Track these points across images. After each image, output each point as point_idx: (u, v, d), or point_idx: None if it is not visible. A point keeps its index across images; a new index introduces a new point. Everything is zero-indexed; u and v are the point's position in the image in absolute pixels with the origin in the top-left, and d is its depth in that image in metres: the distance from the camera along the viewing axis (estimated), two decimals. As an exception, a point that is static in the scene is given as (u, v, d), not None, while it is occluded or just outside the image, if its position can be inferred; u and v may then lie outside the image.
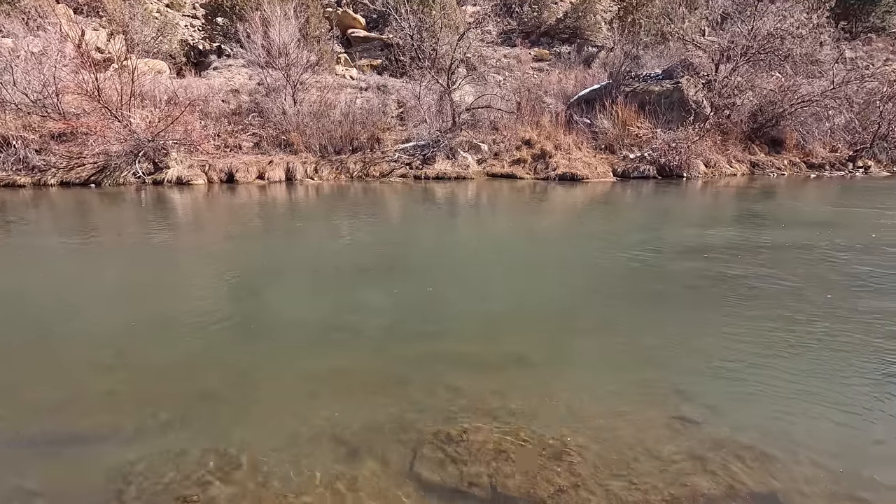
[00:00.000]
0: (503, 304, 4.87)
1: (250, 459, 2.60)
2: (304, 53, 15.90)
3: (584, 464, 2.55)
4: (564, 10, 23.29)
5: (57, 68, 12.89)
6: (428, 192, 12.20)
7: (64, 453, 2.72)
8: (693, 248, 6.74)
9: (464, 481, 2.44)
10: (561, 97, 16.92)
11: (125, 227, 8.76)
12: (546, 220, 9.69)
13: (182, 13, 22.93)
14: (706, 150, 14.25)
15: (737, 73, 14.56)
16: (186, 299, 5.01)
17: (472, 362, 3.69)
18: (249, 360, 3.72)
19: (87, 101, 12.64)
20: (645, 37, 16.26)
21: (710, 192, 12.52)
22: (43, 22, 15.38)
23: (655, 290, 5.21)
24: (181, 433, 2.86)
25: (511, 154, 14.70)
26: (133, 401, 3.21)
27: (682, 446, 2.73)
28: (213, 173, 12.92)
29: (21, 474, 2.56)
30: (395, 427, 2.89)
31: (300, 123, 14.41)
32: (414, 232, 8.37)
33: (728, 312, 4.55)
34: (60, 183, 12.11)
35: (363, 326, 4.30)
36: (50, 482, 2.50)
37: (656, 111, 14.70)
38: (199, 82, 16.34)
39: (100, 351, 3.88)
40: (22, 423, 2.99)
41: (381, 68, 19.98)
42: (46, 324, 4.38)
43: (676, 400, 3.18)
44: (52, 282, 5.51)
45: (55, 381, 3.45)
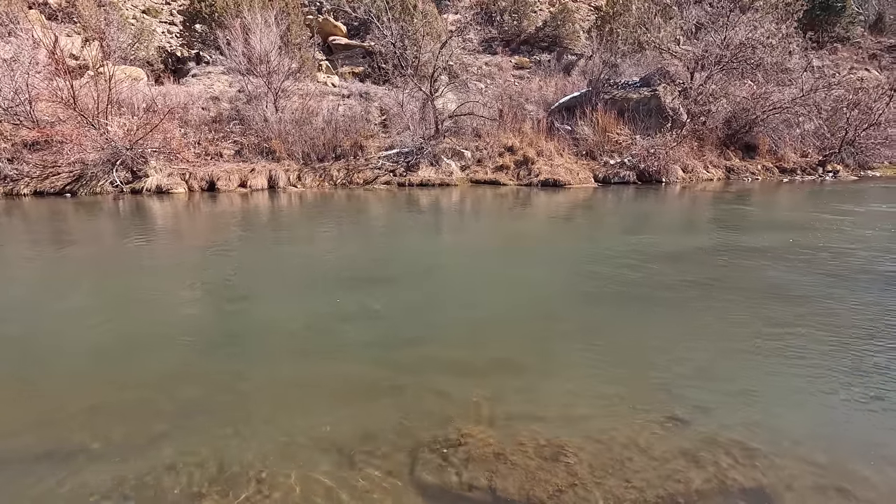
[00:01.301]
0: (491, 310, 4.92)
1: (246, 470, 2.57)
2: (285, 61, 15.84)
3: (581, 464, 2.59)
4: (544, 18, 23.69)
5: (30, 75, 12.59)
6: (412, 200, 12.22)
7: (51, 470, 2.64)
8: (674, 252, 6.90)
9: (464, 485, 2.46)
10: (542, 104, 17.19)
11: (103, 238, 8.56)
12: (530, 225, 9.80)
13: (159, 20, 22.61)
14: (683, 155, 14.62)
15: (711, 81, 15.01)
16: (170, 310, 4.93)
17: (464, 368, 3.71)
18: (237, 370, 3.67)
19: (62, 109, 12.37)
20: (622, 45, 16.65)
21: (688, 197, 12.84)
22: (14, 28, 14.99)
23: (639, 293, 5.32)
24: (173, 446, 2.81)
25: (494, 161, 14.85)
26: (121, 415, 3.14)
27: (673, 444, 2.79)
28: (193, 182, 12.74)
29: (6, 493, 2.48)
30: (392, 434, 2.89)
31: (282, 131, 14.33)
32: (399, 240, 8.38)
33: (711, 313, 4.68)
34: (34, 192, 11.79)
35: (352, 335, 4.28)
36: (37, 501, 2.43)
37: (635, 118, 15.04)
38: (178, 89, 16.12)
39: (83, 365, 3.78)
40: (4, 441, 2.89)
41: (363, 76, 20.00)
42: (24, 339, 4.25)
43: (667, 400, 3.25)
44: (28, 295, 5.35)
45: (37, 397, 3.35)
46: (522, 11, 22.89)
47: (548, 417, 3.02)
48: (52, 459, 2.74)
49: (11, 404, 3.25)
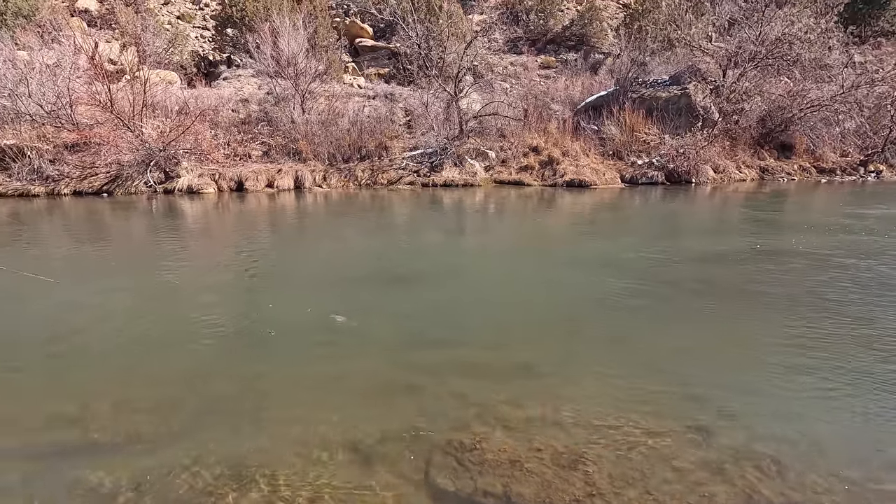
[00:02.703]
0: (512, 312, 4.87)
1: (264, 468, 2.60)
2: (312, 63, 16.07)
3: (600, 473, 2.53)
4: (570, 17, 23.38)
5: (71, 80, 13.13)
6: (436, 200, 12.23)
7: (80, 462, 2.73)
8: (702, 255, 6.69)
9: (478, 490, 2.43)
10: (568, 104, 16.95)
11: (138, 237, 8.86)
12: (554, 227, 9.68)
13: (192, 24, 23.28)
14: (715, 155, 14.19)
15: (745, 79, 14.52)
16: (197, 308, 5.05)
17: (483, 371, 3.68)
18: (258, 368, 3.73)
19: (100, 112, 12.85)
20: (652, 43, 16.26)
21: (718, 198, 12.45)
22: (57, 35, 15.68)
23: (665, 297, 5.18)
24: (195, 442, 2.87)
25: (518, 161, 14.71)
26: (146, 410, 3.22)
27: (697, 456, 2.70)
28: (223, 182, 13.05)
29: (38, 483, 2.58)
30: (408, 435, 2.88)
31: (308, 132, 14.53)
32: (422, 240, 8.39)
33: (739, 320, 4.52)
34: (73, 192, 12.28)
35: (371, 334, 4.30)
36: (67, 491, 2.52)
37: (664, 117, 14.67)
38: (210, 92, 16.55)
39: (111, 360, 3.91)
40: (38, 432, 3.01)
41: (388, 77, 20.14)
42: (60, 333, 4.42)
43: (690, 409, 3.15)
44: (64, 291, 5.57)
45: (69, 391, 3.47)
46: (549, 10, 22.64)
47: (566, 424, 2.97)
48: (83, 451, 2.84)
49: (45, 397, 3.38)
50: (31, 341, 4.24)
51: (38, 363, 3.87)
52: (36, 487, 2.54)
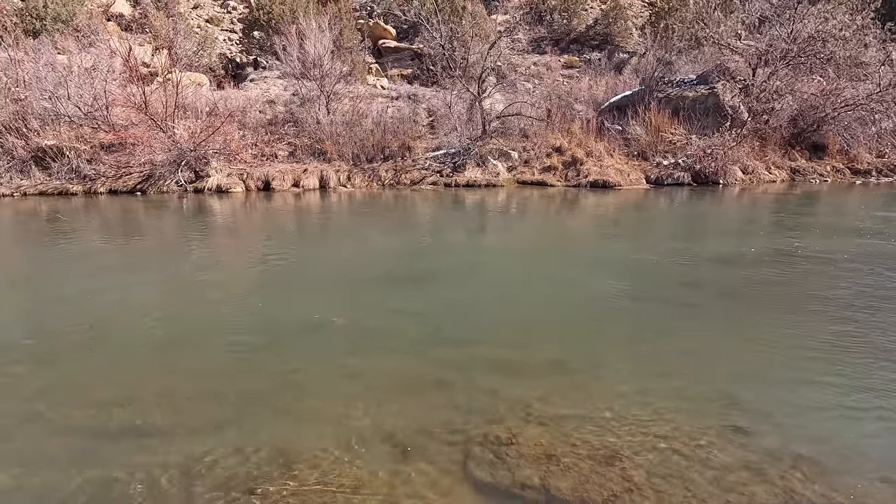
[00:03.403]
0: (539, 311, 4.88)
1: (307, 457, 2.69)
2: (337, 64, 16.30)
3: (637, 470, 2.54)
4: (594, 16, 23.18)
5: (107, 82, 13.59)
6: (459, 200, 12.28)
7: (131, 447, 2.86)
8: (733, 256, 6.59)
9: (516, 483, 2.47)
10: (591, 104, 16.81)
11: (172, 234, 9.14)
12: (579, 227, 9.63)
13: (221, 28, 23.82)
14: (743, 156, 13.90)
15: (776, 78, 14.18)
16: (232, 303, 5.20)
17: (512, 368, 3.71)
18: (293, 361, 3.83)
19: (135, 113, 13.26)
20: (678, 42, 16.01)
21: (747, 199, 12.20)
22: (94, 39, 16.25)
23: (695, 297, 5.13)
24: (237, 431, 2.97)
25: (541, 161, 14.66)
26: (189, 399, 3.35)
27: (735, 455, 2.68)
28: (250, 181, 13.34)
29: (94, 464, 2.71)
30: (443, 429, 2.93)
31: (333, 132, 14.74)
32: (446, 239, 8.44)
33: (774, 321, 4.44)
34: (109, 191, 12.71)
35: (400, 331, 4.37)
36: (121, 472, 2.64)
37: (691, 117, 14.44)
38: (237, 94, 16.92)
39: (154, 351, 4.06)
40: (90, 416, 3.16)
41: (411, 77, 20.28)
42: (105, 325, 4.61)
43: (726, 408, 3.13)
44: (106, 286, 5.79)
45: (115, 379, 3.62)
46: (572, 10, 22.48)
47: (600, 420, 2.98)
48: (131, 436, 2.96)
49: (96, 384, 3.54)
50: (74, 331, 4.43)
51: (83, 353, 4.04)
52: (90, 468, 2.67)
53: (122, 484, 2.55)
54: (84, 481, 2.57)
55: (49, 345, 4.20)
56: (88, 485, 2.54)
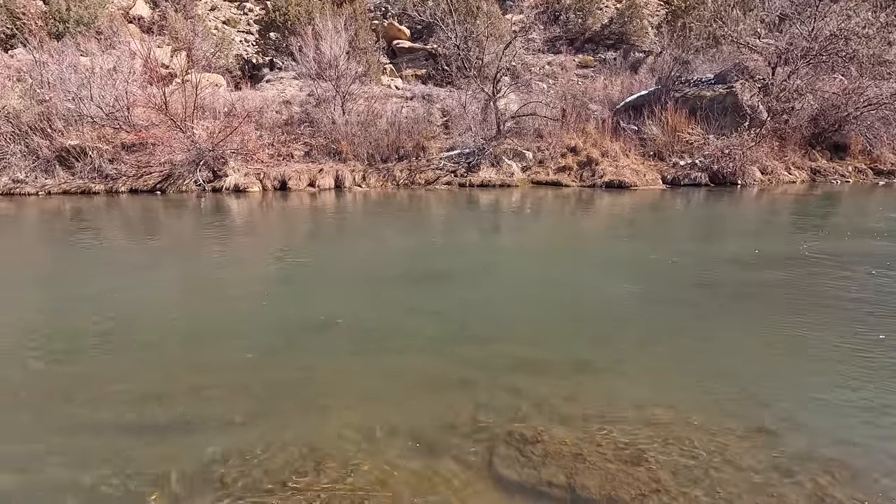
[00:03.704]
0: (558, 310, 4.88)
1: (334, 452, 2.73)
2: (352, 65, 16.42)
3: (664, 470, 2.53)
4: (610, 15, 23.03)
5: (128, 83, 13.86)
6: (473, 200, 12.29)
7: (162, 440, 2.93)
8: (753, 257, 6.51)
9: (543, 481, 2.48)
10: (607, 104, 16.71)
11: (191, 232, 9.28)
12: (595, 227, 9.58)
13: (237, 29, 24.11)
14: (762, 156, 13.71)
15: (796, 76, 13.96)
16: (254, 300, 5.27)
17: (534, 366, 3.72)
18: (318, 358, 3.88)
19: (155, 114, 13.50)
20: (696, 41, 15.84)
21: (766, 200, 12.04)
22: (115, 40, 16.57)
23: (716, 298, 5.08)
24: (265, 426, 3.02)
25: (556, 161, 14.62)
26: (217, 395, 3.41)
27: (764, 457, 2.66)
28: (267, 181, 13.50)
29: (126, 459, 2.77)
30: (467, 427, 2.95)
31: (349, 133, 14.86)
32: (462, 238, 8.46)
33: (797, 322, 4.39)
34: (130, 190, 12.95)
35: (421, 329, 4.40)
36: (153, 465, 2.70)
37: (708, 117, 14.28)
38: (254, 94, 17.12)
39: (179, 347, 4.14)
40: (121, 410, 3.23)
41: (425, 78, 20.34)
42: (130, 322, 4.71)
43: (753, 409, 3.10)
44: (130, 283, 5.91)
45: (145, 375, 3.70)
46: (587, 9, 22.36)
47: (625, 420, 2.98)
48: (162, 429, 3.03)
49: (125, 379, 3.62)
50: (100, 328, 4.53)
51: (110, 349, 4.13)
52: (122, 462, 2.73)
53: (154, 478, 2.61)
54: (116, 475, 2.63)
55: (75, 341, 4.31)
56: (120, 479, 2.61)
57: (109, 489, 2.53)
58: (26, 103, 13.83)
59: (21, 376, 3.67)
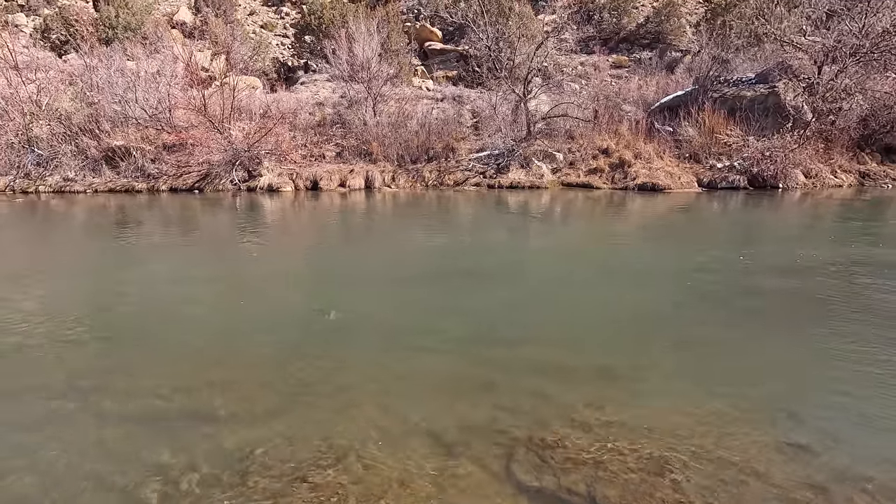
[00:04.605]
0: (585, 315, 4.80)
1: (355, 449, 2.76)
2: (384, 67, 16.60)
3: (689, 482, 2.46)
4: (645, 14, 22.50)
5: (170, 86, 14.42)
6: (502, 201, 12.24)
7: (189, 432, 3.03)
8: (793, 264, 6.23)
9: (562, 488, 2.44)
10: (641, 104, 16.33)
11: (227, 230, 9.59)
12: (627, 231, 9.38)
13: (274, 33, 24.74)
14: (806, 158, 13.11)
15: (844, 75, 13.29)
16: (283, 297, 5.40)
17: (558, 371, 3.67)
18: (341, 357, 3.94)
19: (195, 116, 13.99)
20: (736, 39, 15.30)
21: (809, 205, 11.51)
22: (159, 45, 17.28)
23: (751, 307, 4.89)
24: (288, 421, 3.09)
25: (587, 163, 14.38)
26: (242, 389, 3.51)
27: (797, 473, 2.55)
28: (299, 181, 13.79)
29: (155, 447, 2.88)
30: (487, 429, 2.95)
31: (379, 134, 15.02)
32: (490, 240, 8.43)
33: (838, 334, 4.18)
34: (170, 189, 13.47)
35: (446, 330, 4.41)
36: (182, 455, 2.79)
37: (748, 118, 13.75)
38: (289, 96, 17.53)
39: (210, 342, 4.28)
40: (151, 403, 3.35)
41: (456, 79, 20.36)
42: (165, 316, 4.90)
43: (786, 423, 2.98)
44: (166, 278, 6.15)
45: (177, 367, 3.84)
46: (622, 8, 21.90)
47: (649, 429, 2.90)
48: (192, 420, 3.14)
49: (158, 371, 3.77)
50: (136, 320, 4.73)
51: (145, 341, 4.31)
52: (151, 451, 2.84)
53: (182, 467, 2.70)
54: (145, 463, 2.73)
55: (112, 333, 4.51)
56: (149, 467, 2.71)
57: (130, 478, 2.62)
58: (77, 105, 14.59)
59: (59, 366, 3.85)
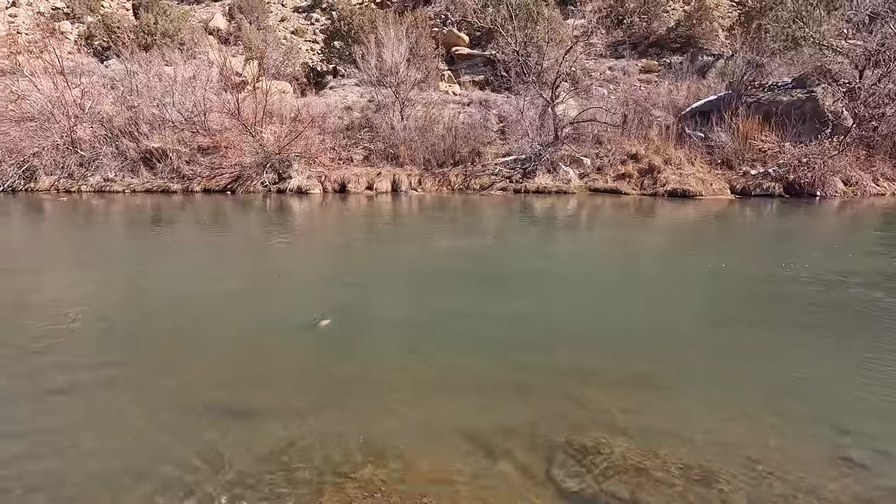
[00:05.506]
0: (620, 321, 4.72)
1: (393, 447, 2.78)
2: (412, 72, 16.76)
3: (737, 494, 2.39)
4: (676, 18, 22.15)
5: (206, 90, 14.85)
6: (529, 206, 12.18)
7: (232, 424, 3.09)
8: (837, 275, 6.01)
9: (604, 493, 2.41)
10: (671, 109, 16.06)
11: (259, 230, 9.80)
12: (658, 236, 9.21)
13: (304, 38, 25.26)
14: (846, 166, 12.67)
15: (889, 80, 12.81)
16: (315, 296, 5.48)
17: (596, 377, 3.62)
18: (376, 355, 3.97)
19: (228, 119, 14.38)
20: (772, 43, 14.92)
21: (850, 214, 11.11)
22: (196, 51, 17.83)
23: (797, 318, 4.73)
24: (325, 417, 3.12)
25: (615, 168, 14.20)
26: (282, 384, 3.56)
27: (850, 490, 2.45)
28: (327, 184, 14.01)
29: (196, 442, 2.94)
30: (525, 432, 2.92)
31: (406, 138, 15.15)
32: (518, 244, 8.39)
33: (888, 348, 4.01)
34: (203, 190, 13.85)
35: (477, 333, 4.39)
36: (224, 448, 2.85)
37: (784, 123, 13.38)
38: (318, 101, 17.85)
39: (248, 338, 4.36)
40: (191, 396, 3.42)
41: (482, 84, 20.40)
42: (205, 312, 5.03)
43: (838, 438, 2.87)
44: (203, 275, 6.31)
45: (215, 363, 3.92)
46: (653, 12, 21.61)
47: (692, 438, 2.83)
48: (231, 414, 3.20)
49: (196, 367, 3.87)
50: (178, 316, 4.87)
51: (186, 337, 4.43)
52: (191, 445, 2.91)
53: (224, 459, 2.74)
54: (186, 456, 2.78)
55: (156, 328, 4.65)
56: (191, 459, 2.76)
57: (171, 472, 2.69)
58: (118, 109, 15.16)
59: (104, 361, 3.98)
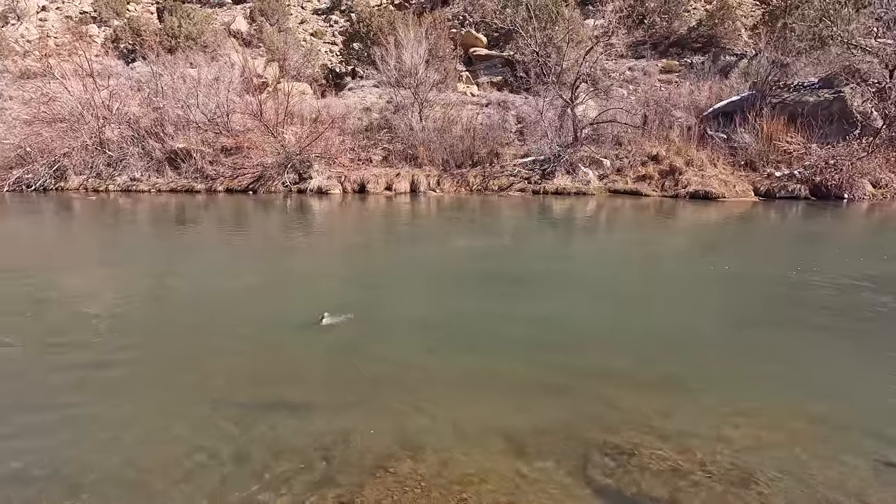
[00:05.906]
0: (642, 322, 4.71)
1: (430, 444, 2.82)
2: (430, 73, 16.82)
3: (777, 496, 2.38)
4: (698, 17, 21.86)
5: (228, 92, 15.11)
6: (548, 207, 12.15)
7: (268, 421, 3.15)
8: (869, 279, 5.89)
9: (643, 493, 2.41)
10: (692, 110, 15.85)
11: (281, 229, 9.94)
12: (680, 239, 9.13)
13: (324, 41, 25.51)
14: (875, 167, 12.38)
15: (920, 80, 12.50)
16: (343, 293, 5.55)
17: (623, 378, 3.62)
18: (408, 353, 4.02)
19: (251, 120, 14.60)
20: (798, 42, 14.64)
21: (879, 216, 10.87)
22: (218, 53, 18.14)
23: (831, 322, 4.66)
24: (361, 414, 3.17)
25: (636, 170, 14.08)
26: (318, 381, 3.63)
27: (893, 494, 2.42)
28: (347, 184, 14.14)
29: (236, 436, 3.01)
30: (560, 432, 2.94)
31: (425, 138, 15.21)
32: (538, 245, 8.39)
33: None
34: (226, 189, 14.09)
35: (507, 334, 4.42)
36: (263, 444, 2.90)
37: (810, 124, 13.12)
38: (338, 102, 18.01)
39: (276, 335, 4.44)
40: (226, 392, 3.50)
41: (501, 85, 20.38)
42: (231, 308, 5.13)
43: (876, 442, 2.83)
44: (230, 272, 6.43)
45: (245, 359, 4.01)
46: (674, 11, 21.35)
47: (729, 441, 2.82)
48: (268, 410, 3.27)
49: (227, 362, 3.95)
50: (203, 312, 4.97)
51: (213, 333, 4.52)
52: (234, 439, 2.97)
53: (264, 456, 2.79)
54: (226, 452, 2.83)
55: (182, 323, 4.76)
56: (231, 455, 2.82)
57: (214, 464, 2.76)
58: (144, 110, 15.50)
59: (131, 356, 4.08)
